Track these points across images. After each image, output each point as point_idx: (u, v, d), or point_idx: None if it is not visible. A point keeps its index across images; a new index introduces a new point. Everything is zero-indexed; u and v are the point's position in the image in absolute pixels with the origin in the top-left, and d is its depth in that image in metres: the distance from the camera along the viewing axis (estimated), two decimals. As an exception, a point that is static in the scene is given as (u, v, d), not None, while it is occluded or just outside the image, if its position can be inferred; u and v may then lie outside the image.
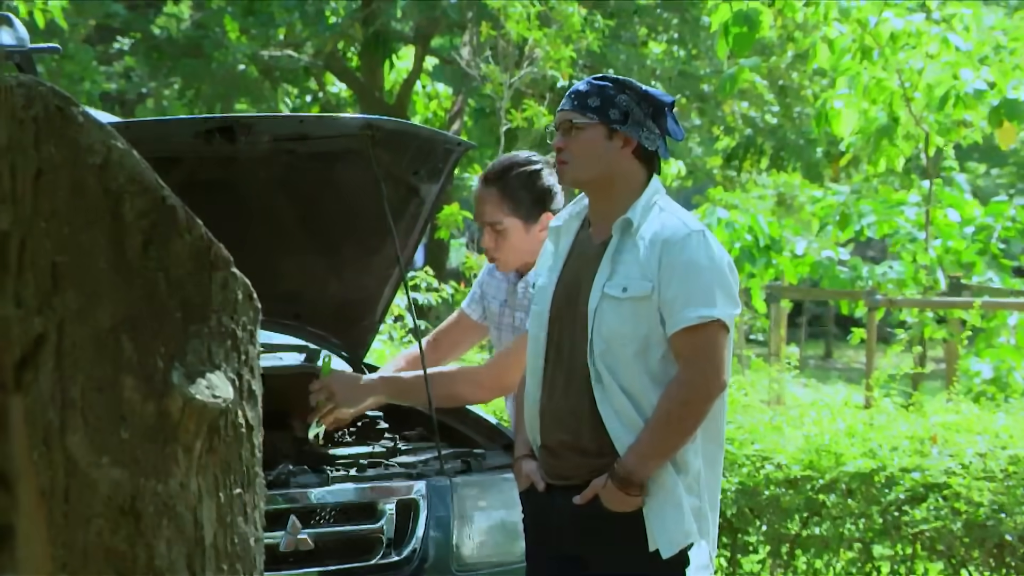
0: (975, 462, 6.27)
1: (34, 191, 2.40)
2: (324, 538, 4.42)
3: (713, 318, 3.95)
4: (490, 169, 4.84)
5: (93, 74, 18.70)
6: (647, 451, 3.95)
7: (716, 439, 4.09)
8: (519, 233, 4.76)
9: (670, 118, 4.14)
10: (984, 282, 11.86)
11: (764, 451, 6.62)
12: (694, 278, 3.97)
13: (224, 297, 2.51)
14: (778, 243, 12.84)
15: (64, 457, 2.38)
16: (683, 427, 3.96)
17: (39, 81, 2.44)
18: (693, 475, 4.01)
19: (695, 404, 3.95)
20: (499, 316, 4.96)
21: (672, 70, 18.56)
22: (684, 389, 3.95)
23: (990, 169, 25.79)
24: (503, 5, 10.28)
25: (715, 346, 3.96)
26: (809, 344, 22.39)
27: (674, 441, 3.96)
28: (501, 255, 4.81)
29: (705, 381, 3.95)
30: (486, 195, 4.78)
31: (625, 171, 4.11)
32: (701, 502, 4.02)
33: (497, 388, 4.83)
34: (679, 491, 3.97)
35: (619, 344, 4.00)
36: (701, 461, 4.03)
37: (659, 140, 4.11)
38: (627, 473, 3.95)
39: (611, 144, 4.09)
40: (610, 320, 4.02)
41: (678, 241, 4.00)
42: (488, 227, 4.78)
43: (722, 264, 4.02)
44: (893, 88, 10.42)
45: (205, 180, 4.66)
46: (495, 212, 4.76)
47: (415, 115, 20.44)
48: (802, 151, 20.10)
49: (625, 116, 4.08)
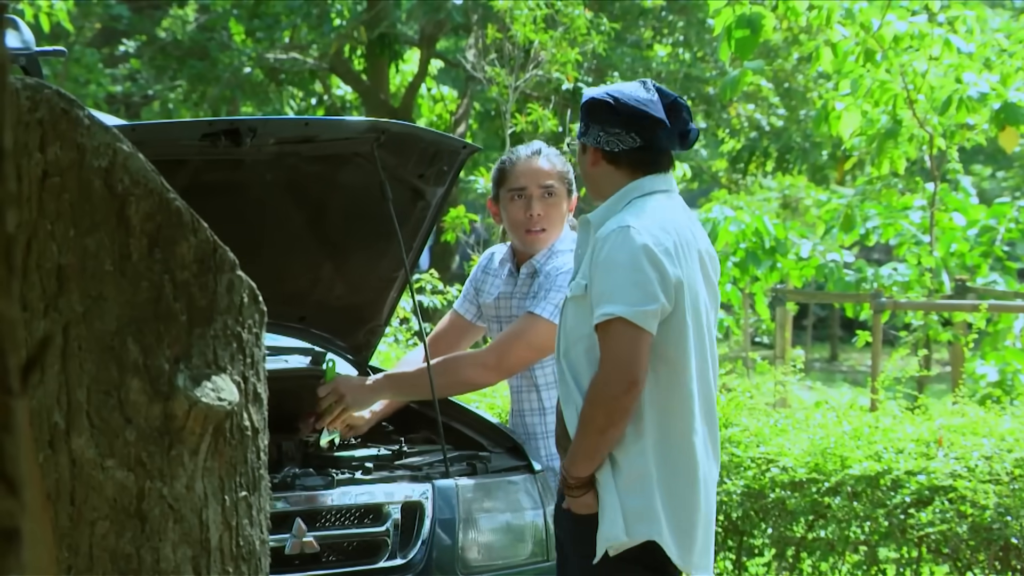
0: (981, 465, 6.26)
1: (40, 193, 2.40)
2: (329, 541, 4.42)
3: (614, 315, 3.93)
4: (532, 146, 4.96)
5: (98, 77, 18.72)
6: (574, 450, 4.02)
7: (677, 440, 4.05)
8: (563, 204, 4.91)
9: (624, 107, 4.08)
10: (989, 284, 11.85)
11: (769, 454, 6.61)
12: (606, 276, 3.99)
13: (230, 300, 2.51)
14: (783, 245, 12.82)
15: (70, 459, 2.39)
16: (595, 426, 3.96)
17: (45, 84, 2.44)
18: (633, 475, 4.00)
19: (601, 403, 3.95)
20: (496, 308, 4.97)
21: (677, 73, 18.55)
22: (592, 388, 3.98)
23: (995, 172, 25.77)
24: (508, 8, 10.28)
25: (619, 344, 3.94)
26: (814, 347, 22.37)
27: (591, 441, 3.98)
28: (549, 224, 4.86)
29: (610, 379, 3.94)
30: (538, 161, 4.88)
31: (602, 179, 4.15)
32: (648, 502, 4.00)
33: (504, 369, 4.82)
34: (611, 492, 4.00)
35: (574, 343, 4.07)
36: (650, 460, 4.01)
37: (628, 137, 4.08)
38: (564, 473, 4.06)
39: (585, 157, 4.18)
40: (566, 319, 4.12)
41: (602, 239, 4.03)
42: (542, 191, 4.85)
43: (638, 259, 3.96)
44: (896, 90, 10.42)
45: (210, 183, 4.66)
46: (552, 178, 4.87)
47: (420, 118, 20.45)
48: (807, 154, 20.10)
49: (586, 126, 4.14)
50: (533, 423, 4.89)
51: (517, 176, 4.87)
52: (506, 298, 4.96)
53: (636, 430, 4.01)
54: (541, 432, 4.87)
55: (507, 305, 4.95)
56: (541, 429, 4.87)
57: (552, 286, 4.73)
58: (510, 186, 4.87)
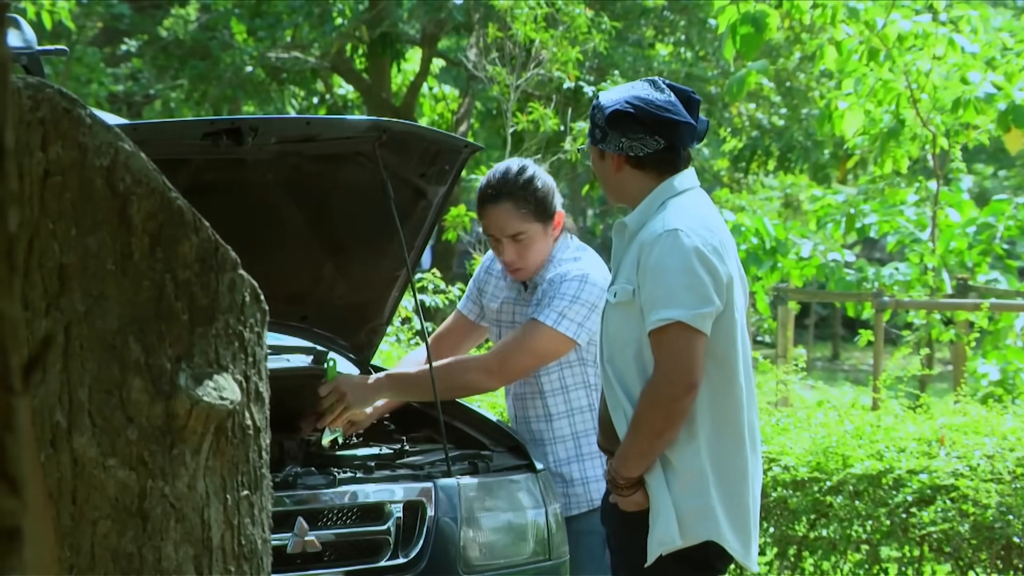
0: (982, 464, 6.26)
1: (41, 192, 2.40)
2: (331, 540, 4.42)
3: (673, 320, 3.94)
4: (488, 186, 4.81)
5: (100, 76, 18.73)
6: (624, 451, 4.03)
7: (729, 437, 4.08)
8: (540, 237, 4.78)
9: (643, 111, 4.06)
10: (990, 283, 11.85)
11: (771, 453, 6.61)
12: (659, 280, 3.98)
13: (231, 299, 2.51)
14: (784, 245, 12.82)
15: (71, 459, 2.38)
16: (652, 428, 3.98)
17: (47, 83, 2.44)
18: (689, 476, 4.02)
19: (660, 406, 3.97)
20: (498, 313, 4.96)
21: (679, 72, 18.55)
22: (650, 391, 3.98)
23: (997, 171, 25.78)
24: (510, 7, 10.28)
25: (678, 348, 3.96)
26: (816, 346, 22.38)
27: (647, 442, 3.99)
28: (525, 264, 4.79)
29: (669, 383, 3.95)
30: (500, 210, 4.76)
31: (629, 184, 4.13)
32: (705, 501, 4.02)
33: (506, 374, 4.80)
34: (664, 494, 4.01)
35: (621, 348, 4.07)
36: (704, 459, 4.03)
37: (652, 140, 4.07)
38: (613, 474, 4.07)
39: (605, 164, 4.15)
40: (610, 325, 4.11)
41: (650, 243, 4.02)
42: (509, 240, 4.76)
43: (690, 262, 3.98)
44: (900, 90, 10.41)
45: (212, 182, 4.66)
46: (518, 223, 4.75)
47: (422, 117, 20.45)
48: (809, 153, 20.09)
49: (604, 133, 4.10)
50: (540, 429, 4.87)
51: (486, 222, 4.82)
52: (509, 303, 4.95)
53: (689, 430, 4.03)
54: (548, 438, 4.85)
55: (509, 310, 4.94)
56: (548, 435, 4.85)
57: (556, 293, 4.70)
58: (483, 226, 4.86)
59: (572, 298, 4.67)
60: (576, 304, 4.66)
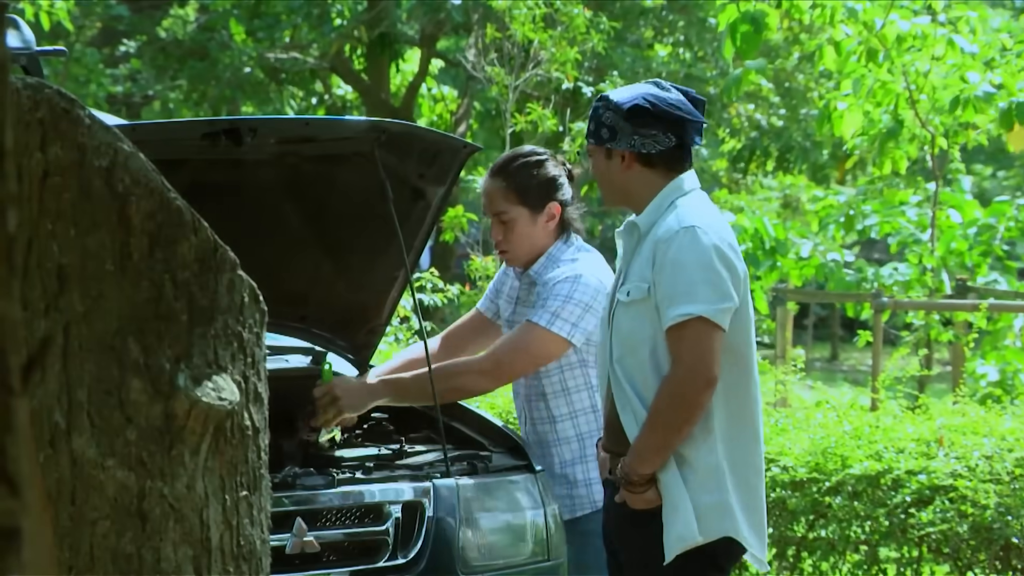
0: (981, 464, 6.26)
1: (40, 193, 2.40)
2: (330, 540, 4.42)
3: (694, 315, 3.95)
4: (495, 162, 4.94)
5: (99, 76, 18.73)
6: (640, 448, 4.01)
7: (744, 432, 4.09)
8: (526, 222, 4.82)
9: (655, 106, 4.09)
10: (989, 284, 11.85)
11: (770, 453, 6.61)
12: (678, 276, 3.99)
13: (230, 299, 2.51)
14: (783, 245, 12.82)
15: (70, 459, 2.38)
16: (672, 424, 3.98)
17: (45, 84, 2.44)
18: (706, 471, 4.02)
19: (681, 401, 3.97)
20: (511, 315, 4.97)
21: (678, 72, 18.55)
22: (669, 386, 3.98)
23: (996, 171, 25.78)
24: (508, 7, 10.28)
25: (698, 342, 3.96)
26: (815, 346, 22.37)
27: (665, 438, 3.99)
28: (509, 247, 4.84)
29: (690, 377, 3.96)
30: (492, 186, 4.86)
31: (636, 183, 4.14)
32: (722, 497, 4.02)
33: (500, 376, 4.81)
34: (680, 491, 4.00)
35: (633, 347, 4.07)
36: (720, 455, 4.03)
37: (664, 137, 4.10)
38: (627, 471, 4.04)
39: (612, 163, 4.16)
40: (622, 325, 4.10)
41: (666, 240, 4.03)
42: (495, 218, 4.85)
43: (709, 258, 4.00)
44: (899, 90, 10.42)
45: (211, 182, 4.66)
46: (501, 202, 4.83)
47: (421, 117, 20.45)
48: (808, 153, 20.10)
49: (613, 132, 4.11)
50: (545, 431, 4.87)
51: (483, 195, 4.93)
52: (517, 304, 4.96)
53: (705, 426, 4.03)
54: (553, 440, 4.85)
55: (518, 312, 4.95)
56: (553, 437, 4.85)
57: (550, 295, 4.72)
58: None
59: (565, 298, 4.68)
60: (569, 304, 4.67)
